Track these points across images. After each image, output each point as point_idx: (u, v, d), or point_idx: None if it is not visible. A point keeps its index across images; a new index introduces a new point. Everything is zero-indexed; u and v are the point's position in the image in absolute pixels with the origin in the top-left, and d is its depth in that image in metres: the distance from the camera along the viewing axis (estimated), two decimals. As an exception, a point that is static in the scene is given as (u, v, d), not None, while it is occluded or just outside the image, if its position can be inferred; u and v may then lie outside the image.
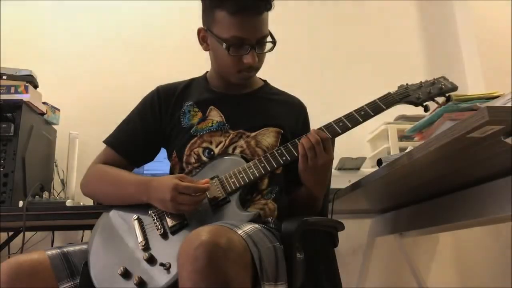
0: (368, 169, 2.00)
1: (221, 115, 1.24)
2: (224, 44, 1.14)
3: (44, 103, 1.94)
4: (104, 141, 1.27)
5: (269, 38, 1.20)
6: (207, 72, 1.35)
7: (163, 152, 1.32)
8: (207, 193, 1.08)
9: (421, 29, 2.67)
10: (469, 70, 2.41)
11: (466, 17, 2.50)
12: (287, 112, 1.30)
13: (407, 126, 1.74)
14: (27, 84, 1.80)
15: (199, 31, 1.24)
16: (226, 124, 1.22)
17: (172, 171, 1.26)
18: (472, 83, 2.36)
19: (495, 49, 2.45)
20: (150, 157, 1.31)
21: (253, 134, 1.21)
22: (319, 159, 1.07)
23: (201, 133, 1.21)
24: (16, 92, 1.78)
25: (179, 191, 1.02)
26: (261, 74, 1.40)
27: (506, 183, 1.18)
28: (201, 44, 1.25)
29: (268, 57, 1.23)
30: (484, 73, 2.38)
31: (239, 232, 0.87)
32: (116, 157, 1.24)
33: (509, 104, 0.99)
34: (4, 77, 1.81)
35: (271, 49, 1.20)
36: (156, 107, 1.27)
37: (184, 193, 1.02)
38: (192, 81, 1.34)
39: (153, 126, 1.26)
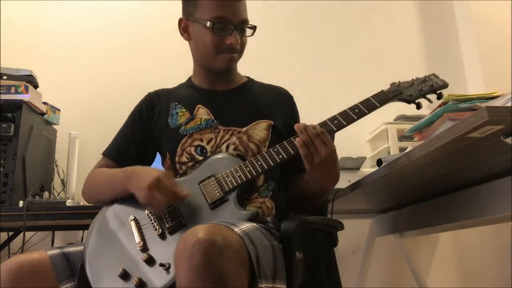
0: (368, 169, 2.00)
1: (208, 112, 1.24)
2: (209, 23, 1.18)
3: (44, 103, 1.94)
4: (102, 153, 1.31)
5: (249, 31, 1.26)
6: (190, 76, 1.38)
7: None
8: (204, 193, 1.09)
9: (421, 29, 2.68)
10: (469, 70, 2.40)
11: (466, 17, 2.50)
12: (275, 103, 1.31)
13: (407, 126, 1.74)
14: (27, 84, 1.80)
15: (180, 21, 1.29)
16: (215, 121, 1.23)
17: None
18: (472, 83, 2.36)
19: (495, 49, 2.44)
20: (146, 163, 1.31)
21: (244, 129, 1.21)
22: (322, 152, 1.06)
23: (190, 132, 1.22)
24: (16, 92, 1.78)
25: (158, 186, 1.02)
26: (259, 73, 1.41)
27: (506, 183, 1.18)
28: (182, 34, 1.30)
29: (267, 57, 1.23)
30: (484, 73, 2.37)
31: (236, 230, 0.87)
32: (111, 164, 1.27)
33: (509, 104, 0.99)
34: (4, 77, 1.80)
35: (252, 34, 1.26)
36: (144, 113, 1.30)
37: (162, 190, 1.02)
38: (178, 85, 1.38)
39: (144, 132, 1.29)
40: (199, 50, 1.27)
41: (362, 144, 2.33)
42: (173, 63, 2.29)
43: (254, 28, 1.25)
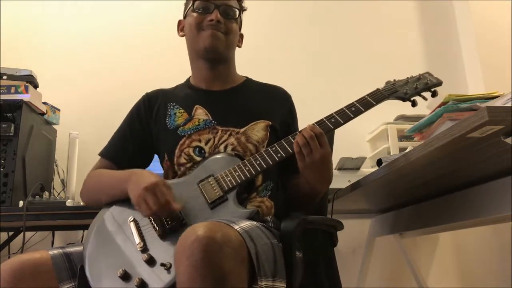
0: (368, 169, 2.00)
1: (206, 113, 1.24)
2: (191, 5, 1.28)
3: (44, 103, 1.94)
4: (99, 153, 1.30)
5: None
6: (189, 77, 1.38)
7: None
8: (204, 192, 1.09)
9: (421, 29, 2.67)
10: (469, 70, 2.41)
11: (466, 17, 2.50)
12: (273, 103, 1.31)
13: (407, 126, 1.74)
14: (27, 84, 1.80)
15: (179, 23, 1.37)
16: (213, 121, 1.23)
17: (165, 177, 1.25)
18: (472, 83, 2.36)
19: (495, 49, 2.45)
20: (143, 163, 1.31)
21: (242, 130, 1.21)
22: (315, 154, 1.07)
23: (189, 133, 1.22)
24: (16, 92, 1.78)
25: (154, 191, 1.00)
26: (258, 73, 1.41)
27: (506, 183, 1.18)
28: (178, 33, 1.37)
29: (265, 56, 1.23)
30: (484, 73, 2.38)
31: (236, 227, 0.87)
32: (109, 165, 1.27)
33: (509, 104, 1.00)
34: (4, 77, 1.80)
35: (237, 17, 1.30)
36: (142, 113, 1.30)
37: (156, 196, 1.00)
38: (176, 86, 1.38)
39: (141, 132, 1.29)
40: (187, 36, 1.32)
41: (362, 144, 2.32)
42: (174, 64, 2.29)
43: (240, 9, 1.31)
